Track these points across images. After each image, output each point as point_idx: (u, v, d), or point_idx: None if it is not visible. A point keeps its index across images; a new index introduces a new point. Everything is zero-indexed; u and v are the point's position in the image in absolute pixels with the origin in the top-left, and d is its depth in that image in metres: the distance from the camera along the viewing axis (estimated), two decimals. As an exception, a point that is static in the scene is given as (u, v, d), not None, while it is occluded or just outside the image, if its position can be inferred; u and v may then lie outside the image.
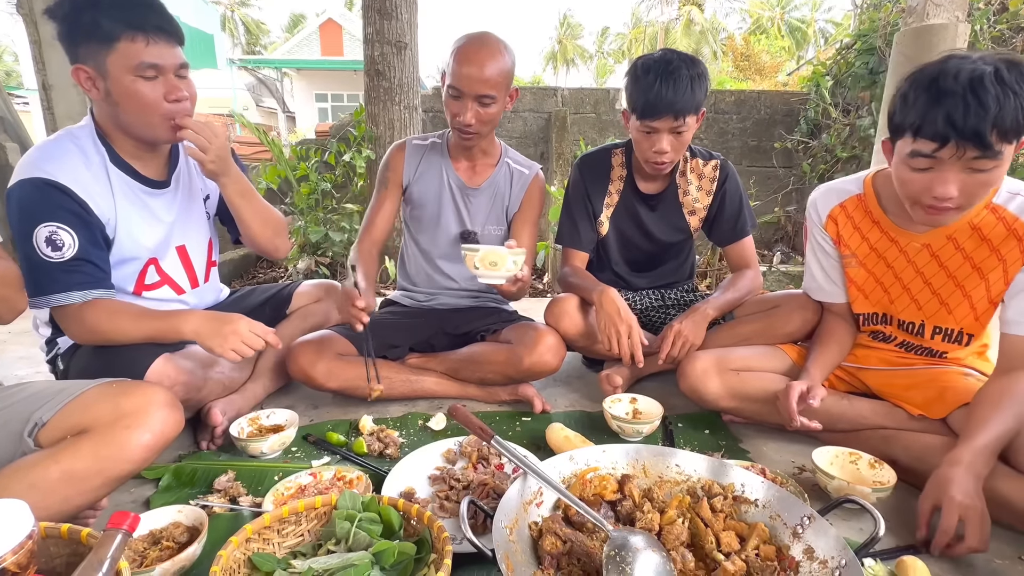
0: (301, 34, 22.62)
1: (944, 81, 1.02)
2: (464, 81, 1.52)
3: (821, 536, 0.88)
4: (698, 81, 1.52)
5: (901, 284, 1.34)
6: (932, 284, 1.29)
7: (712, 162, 1.78)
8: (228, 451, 1.39)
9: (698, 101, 1.53)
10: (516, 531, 0.89)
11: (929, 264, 1.28)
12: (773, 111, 5.21)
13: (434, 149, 1.78)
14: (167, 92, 1.23)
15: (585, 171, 1.83)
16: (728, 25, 31.99)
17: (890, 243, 1.33)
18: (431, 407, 1.67)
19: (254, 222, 1.48)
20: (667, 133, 1.56)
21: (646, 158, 1.64)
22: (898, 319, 1.38)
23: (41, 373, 1.52)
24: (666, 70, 1.50)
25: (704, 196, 1.79)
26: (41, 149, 1.23)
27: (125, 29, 1.17)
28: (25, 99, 15.15)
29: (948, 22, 2.49)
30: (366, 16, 3.91)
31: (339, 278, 4.08)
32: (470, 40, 1.55)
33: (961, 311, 1.28)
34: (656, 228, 1.83)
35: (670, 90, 1.49)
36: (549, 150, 5.10)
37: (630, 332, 1.55)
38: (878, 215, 1.33)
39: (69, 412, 1.00)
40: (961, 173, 1.05)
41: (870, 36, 4.27)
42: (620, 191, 1.81)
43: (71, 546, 0.80)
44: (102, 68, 1.19)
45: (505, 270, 1.39)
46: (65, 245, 1.19)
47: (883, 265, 1.35)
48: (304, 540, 0.94)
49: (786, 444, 1.48)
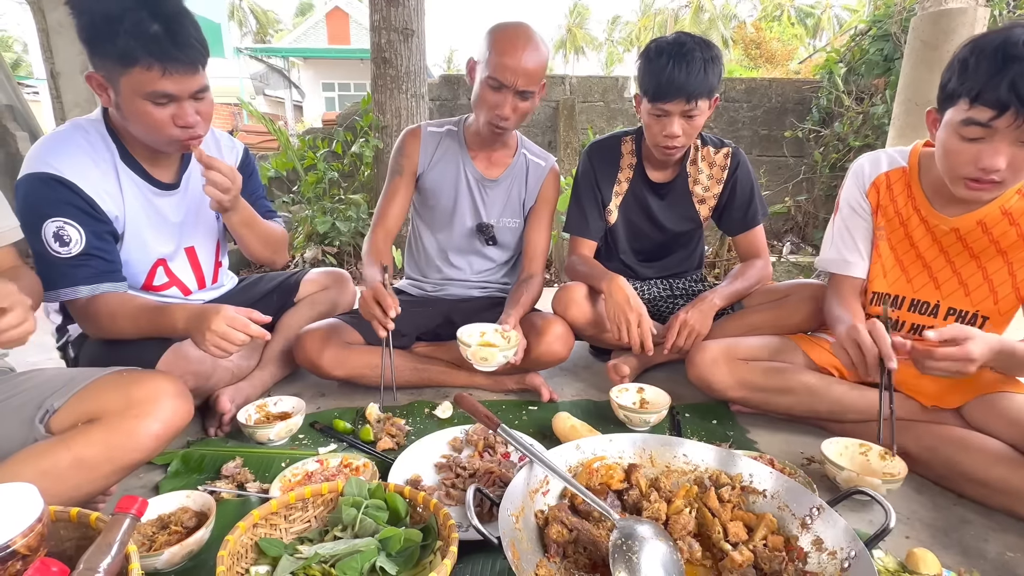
0: (308, 23, 22.54)
1: (1011, 48, 0.99)
2: (508, 74, 1.46)
3: (830, 527, 0.87)
4: (711, 64, 1.48)
5: (922, 263, 1.33)
6: (954, 263, 1.29)
7: (724, 150, 1.75)
8: (236, 438, 1.39)
9: (711, 85, 1.50)
10: (522, 519, 0.89)
11: (954, 245, 1.27)
12: (784, 99, 5.13)
13: (450, 137, 1.74)
14: (176, 117, 1.18)
15: (595, 158, 1.80)
16: (739, 12, 31.47)
17: (919, 222, 1.31)
18: (437, 395, 1.67)
19: (255, 244, 1.50)
20: (678, 117, 1.53)
21: (656, 142, 1.61)
22: (912, 299, 1.36)
23: (52, 360, 1.54)
24: (679, 52, 1.47)
25: (715, 185, 1.76)
26: (48, 142, 1.21)
27: (142, 56, 1.10)
28: (35, 88, 15.22)
29: (967, 6, 2.43)
30: (373, 3, 3.87)
31: (352, 269, 4.08)
32: (512, 30, 1.49)
33: (980, 293, 1.27)
34: (665, 217, 1.81)
35: (683, 72, 1.46)
36: (557, 139, 5.05)
37: (640, 321, 1.53)
38: (916, 191, 1.30)
39: (80, 400, 1.00)
40: (1012, 146, 1.03)
41: (885, 22, 4.18)
42: (630, 179, 1.79)
43: (81, 530, 0.80)
44: (115, 83, 1.15)
45: (496, 363, 1.47)
46: (72, 240, 1.18)
47: (907, 244, 1.34)
48: (311, 526, 0.94)
49: (794, 435, 1.47)
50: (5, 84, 4.06)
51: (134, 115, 1.18)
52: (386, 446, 1.34)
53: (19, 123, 4.17)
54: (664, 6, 30.90)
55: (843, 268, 1.42)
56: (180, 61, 1.13)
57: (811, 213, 4.91)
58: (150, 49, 1.10)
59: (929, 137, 1.22)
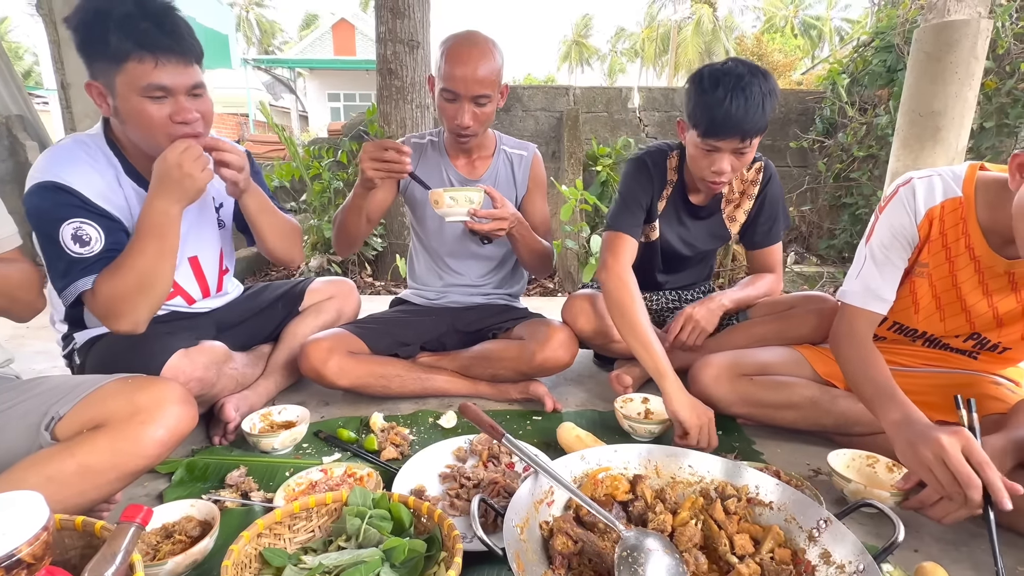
0: (314, 34, 22.80)
1: None
2: (459, 83, 1.49)
3: (839, 540, 0.86)
4: (770, 99, 1.36)
5: (961, 304, 1.21)
6: (997, 307, 1.18)
7: (756, 164, 1.67)
8: (240, 446, 1.39)
9: (767, 122, 1.38)
10: (527, 530, 0.89)
11: (1002, 289, 1.16)
12: (788, 110, 5.14)
13: (431, 147, 1.78)
14: (174, 113, 1.18)
15: (653, 168, 1.67)
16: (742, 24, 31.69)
17: (969, 261, 1.16)
18: (441, 405, 1.67)
19: (272, 236, 1.50)
20: (729, 154, 1.42)
21: (702, 176, 1.50)
22: (941, 336, 1.29)
23: (58, 367, 1.55)
24: (737, 85, 1.33)
25: (746, 201, 1.69)
26: (50, 156, 1.21)
27: (134, 49, 1.12)
28: (45, 99, 15.40)
29: (970, 18, 2.44)
30: (379, 15, 3.92)
31: (357, 278, 4.10)
32: (460, 41, 1.52)
33: (1012, 331, 1.20)
34: (697, 237, 1.76)
35: (741, 108, 1.33)
36: (560, 149, 5.07)
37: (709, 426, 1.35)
38: (972, 227, 1.14)
39: (85, 407, 1.01)
40: None
41: (888, 33, 4.19)
42: (669, 196, 1.71)
43: (85, 538, 0.80)
44: (111, 85, 1.16)
45: (462, 208, 1.45)
46: (92, 239, 1.18)
47: (949, 283, 1.20)
48: (315, 536, 0.94)
49: (801, 446, 1.46)
50: (16, 94, 4.11)
51: (132, 116, 1.18)
52: (390, 456, 1.34)
53: (29, 133, 4.21)
54: (668, 18, 31.13)
55: (868, 303, 1.24)
56: (172, 51, 1.15)
57: (815, 223, 4.90)
58: (140, 41, 1.12)
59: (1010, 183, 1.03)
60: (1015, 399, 1.22)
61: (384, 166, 1.45)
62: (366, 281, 4.15)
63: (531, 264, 1.75)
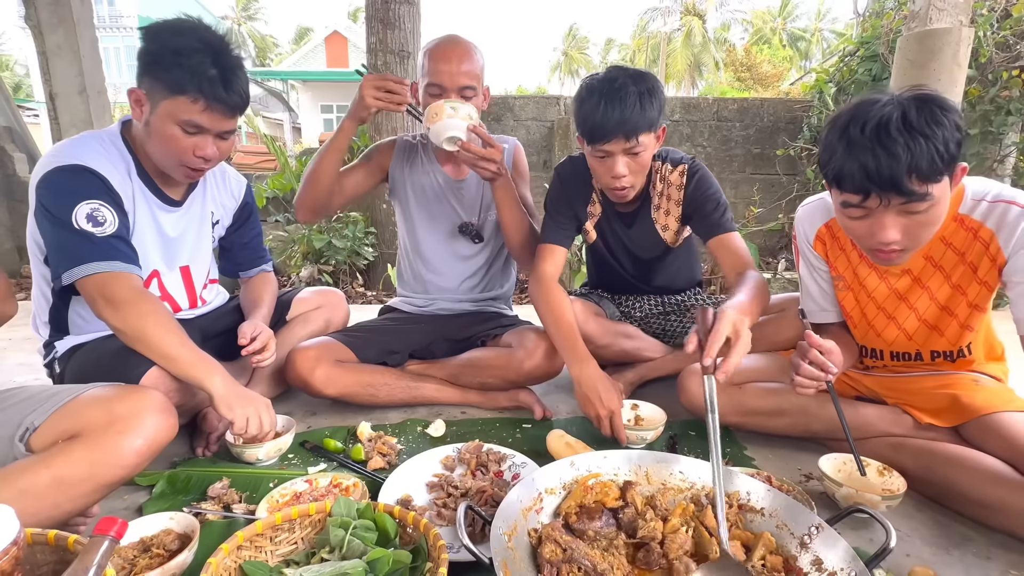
0: (307, 47, 22.92)
1: (853, 131, 1.00)
2: (444, 76, 1.54)
3: (830, 547, 0.85)
4: (648, 97, 1.39)
5: (885, 315, 1.30)
6: (918, 310, 1.26)
7: (680, 167, 1.63)
8: (224, 457, 1.36)
9: (651, 118, 1.41)
10: (515, 538, 0.87)
11: (912, 290, 1.25)
12: (776, 118, 5.20)
13: (421, 147, 1.81)
14: (197, 148, 1.24)
15: (566, 177, 1.72)
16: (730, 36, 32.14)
17: (870, 269, 1.28)
18: (430, 413, 1.65)
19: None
20: (622, 155, 1.45)
21: (605, 184, 1.54)
22: (890, 352, 1.34)
23: (40, 379, 1.52)
24: (611, 89, 1.39)
25: (674, 207, 1.67)
26: (69, 143, 1.24)
27: (192, 90, 1.17)
28: (35, 111, 15.35)
29: (951, 26, 2.48)
30: (369, 26, 3.94)
31: (348, 288, 4.07)
32: (442, 40, 1.60)
33: (952, 332, 1.25)
34: (635, 245, 1.78)
35: (616, 110, 1.37)
36: (552, 158, 5.10)
37: (611, 417, 1.39)
38: (849, 243, 1.28)
39: (61, 417, 0.98)
40: (898, 217, 1.03)
41: (873, 43, 4.26)
42: (601, 203, 1.74)
43: (58, 553, 0.78)
44: (154, 103, 1.20)
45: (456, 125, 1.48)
46: (107, 222, 1.20)
47: (864, 295, 1.31)
48: (297, 548, 0.91)
49: (792, 451, 1.45)
50: (4, 106, 4.09)
51: (161, 136, 1.22)
52: (377, 465, 1.32)
53: (17, 145, 4.19)
54: (658, 29, 31.53)
55: (823, 317, 1.40)
56: (224, 103, 1.21)
57: (805, 230, 4.94)
58: (202, 86, 1.17)
59: None
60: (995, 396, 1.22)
61: (385, 96, 1.50)
62: (358, 291, 4.13)
63: (517, 239, 1.68)
